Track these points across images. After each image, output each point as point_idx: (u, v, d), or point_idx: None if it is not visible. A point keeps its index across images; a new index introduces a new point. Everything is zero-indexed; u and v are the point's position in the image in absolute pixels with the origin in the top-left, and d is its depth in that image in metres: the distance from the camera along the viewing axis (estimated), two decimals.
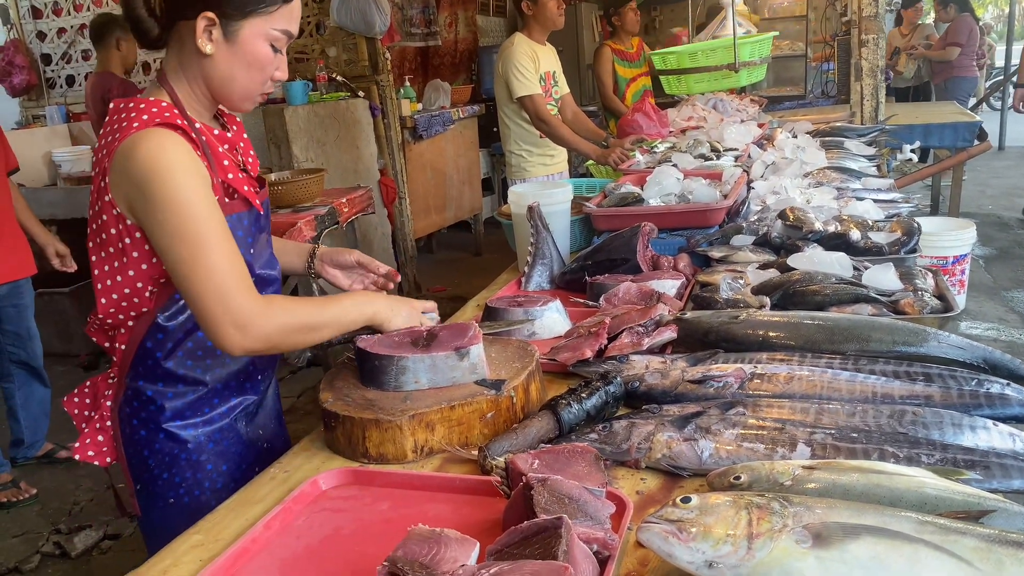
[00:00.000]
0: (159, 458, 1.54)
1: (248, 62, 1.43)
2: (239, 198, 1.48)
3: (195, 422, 1.54)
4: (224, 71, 1.43)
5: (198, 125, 1.45)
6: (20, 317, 3.72)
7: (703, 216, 2.38)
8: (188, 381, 1.52)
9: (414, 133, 6.19)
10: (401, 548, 0.96)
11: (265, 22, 1.41)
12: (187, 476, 1.55)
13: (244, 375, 1.60)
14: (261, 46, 1.42)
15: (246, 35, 1.40)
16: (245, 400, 1.62)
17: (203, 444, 1.55)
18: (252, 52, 1.42)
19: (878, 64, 4.57)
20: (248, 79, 1.45)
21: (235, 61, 1.42)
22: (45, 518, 3.55)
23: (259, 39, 1.41)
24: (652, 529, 0.92)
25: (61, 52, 6.60)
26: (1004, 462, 1.12)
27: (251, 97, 1.48)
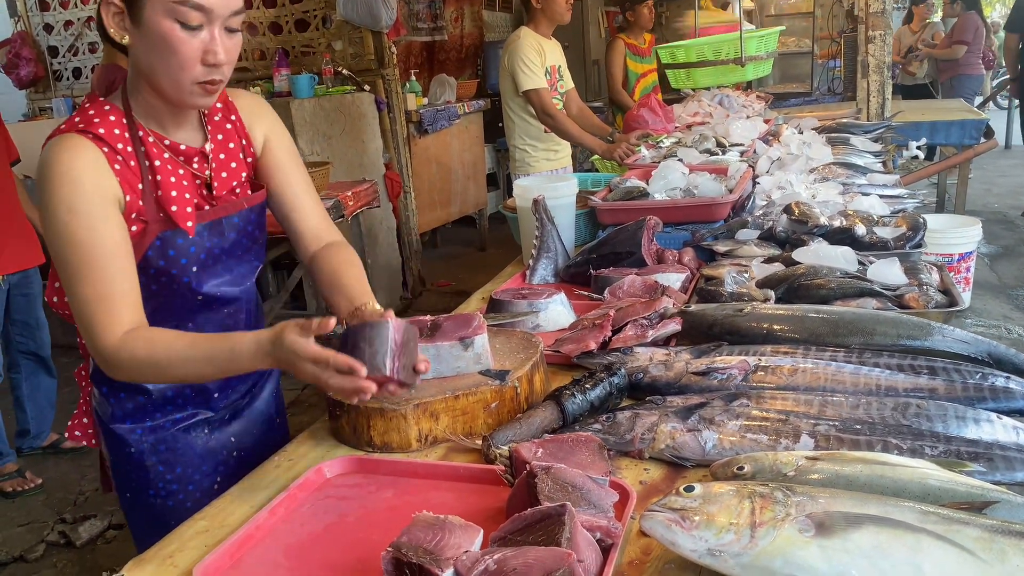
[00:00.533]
0: (113, 453, 1.54)
1: (157, 47, 1.26)
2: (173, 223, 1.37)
3: (139, 427, 1.51)
4: (144, 62, 1.31)
5: (141, 133, 1.36)
6: (30, 306, 3.74)
7: (708, 210, 2.38)
8: (129, 388, 1.49)
9: (419, 127, 6.19)
10: (405, 534, 0.96)
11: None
12: (135, 477, 1.53)
13: (195, 391, 1.53)
14: (166, 25, 1.24)
15: (149, 15, 1.25)
16: (198, 413, 1.55)
17: (147, 449, 1.51)
18: (158, 33, 1.25)
19: (884, 61, 4.56)
20: (166, 67, 1.28)
21: (149, 48, 1.28)
22: (50, 507, 3.56)
23: (162, 17, 1.24)
24: (655, 517, 0.93)
25: (68, 45, 6.60)
26: (1007, 455, 1.12)
27: (183, 87, 1.30)
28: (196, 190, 1.42)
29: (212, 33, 1.27)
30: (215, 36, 1.28)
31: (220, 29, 1.28)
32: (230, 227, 1.47)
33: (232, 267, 1.50)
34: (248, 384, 1.65)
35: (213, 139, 1.46)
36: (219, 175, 1.45)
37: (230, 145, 1.48)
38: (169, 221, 1.37)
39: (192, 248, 1.41)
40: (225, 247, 1.47)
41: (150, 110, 1.38)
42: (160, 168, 1.36)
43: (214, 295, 1.48)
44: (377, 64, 5.69)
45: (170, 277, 1.40)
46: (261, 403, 1.68)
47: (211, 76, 1.30)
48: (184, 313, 1.47)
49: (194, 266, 1.42)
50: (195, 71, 1.28)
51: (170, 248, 1.38)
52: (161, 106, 1.37)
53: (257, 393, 1.67)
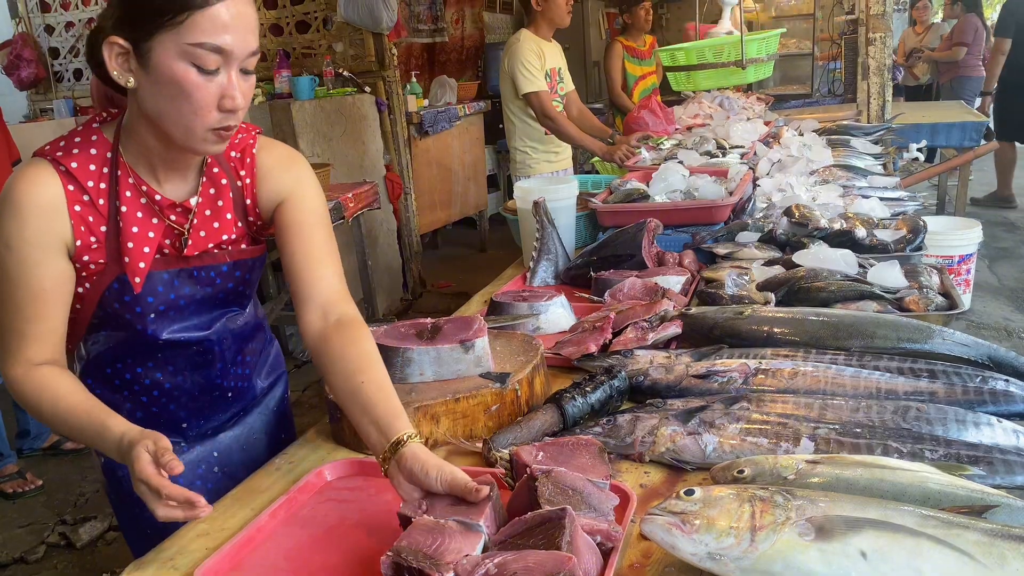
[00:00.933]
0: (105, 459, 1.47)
1: (169, 91, 1.17)
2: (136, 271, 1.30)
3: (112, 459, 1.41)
4: (151, 106, 1.21)
5: (120, 173, 1.28)
6: None
7: (709, 213, 2.38)
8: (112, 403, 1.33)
9: (420, 129, 6.19)
10: (406, 538, 0.96)
11: (176, 36, 1.14)
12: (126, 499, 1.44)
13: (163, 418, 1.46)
14: (179, 68, 1.15)
15: (159, 57, 1.15)
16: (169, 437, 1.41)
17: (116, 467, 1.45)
18: (169, 77, 1.15)
19: (885, 63, 4.56)
20: (177, 112, 1.18)
21: (156, 92, 1.18)
22: (51, 509, 3.56)
23: (174, 60, 1.15)
24: (656, 521, 0.93)
25: (69, 46, 6.61)
26: (1007, 458, 1.12)
27: (196, 135, 1.21)
28: (169, 243, 1.34)
29: (229, 76, 1.18)
30: (232, 80, 1.18)
31: (236, 71, 1.19)
32: (206, 280, 1.39)
33: (203, 313, 1.42)
34: (229, 412, 1.57)
35: (204, 193, 1.36)
36: (197, 233, 1.35)
37: (219, 203, 1.38)
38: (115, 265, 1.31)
39: (150, 299, 1.34)
40: (197, 298, 1.39)
41: (143, 153, 1.30)
42: (127, 215, 1.29)
43: (176, 340, 1.40)
44: (378, 66, 5.69)
45: (124, 321, 1.35)
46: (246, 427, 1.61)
47: (226, 123, 1.21)
48: (144, 351, 1.41)
49: (151, 314, 1.35)
50: (210, 118, 1.19)
51: (125, 294, 1.32)
52: (158, 151, 1.29)
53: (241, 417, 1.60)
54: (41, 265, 1.24)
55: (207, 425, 1.54)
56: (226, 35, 1.15)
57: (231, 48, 1.16)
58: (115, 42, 1.17)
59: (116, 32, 1.17)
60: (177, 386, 1.46)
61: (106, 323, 1.36)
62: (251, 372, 1.59)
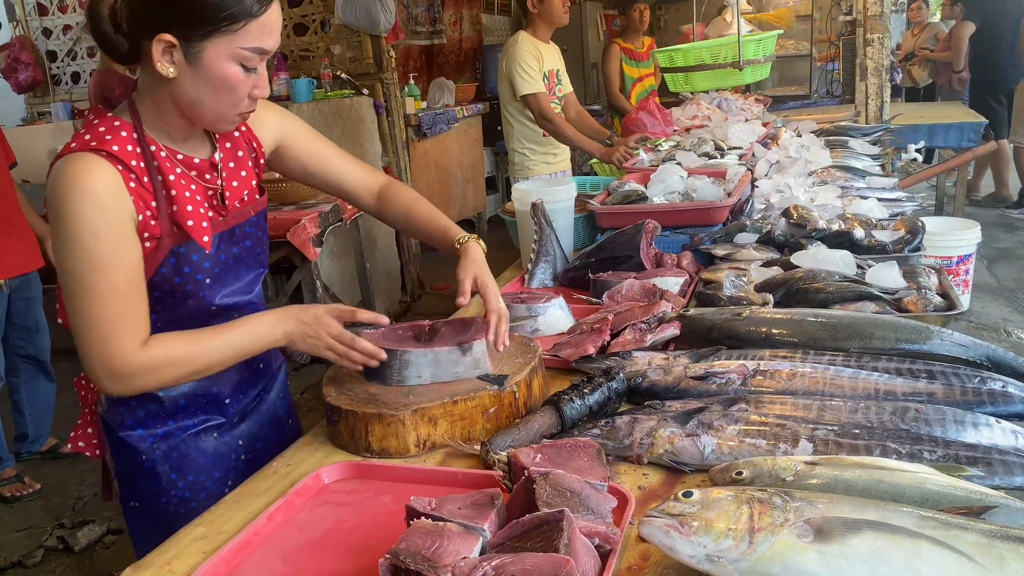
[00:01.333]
0: (121, 462, 1.51)
1: (215, 85, 1.29)
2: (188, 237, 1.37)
3: (150, 435, 1.48)
4: (190, 95, 1.31)
5: (153, 148, 1.35)
6: (29, 310, 3.74)
7: (707, 214, 2.38)
8: (140, 395, 1.44)
9: (418, 131, 6.19)
10: (404, 541, 0.96)
11: (230, 41, 1.25)
12: (144, 486, 1.50)
13: (207, 399, 1.52)
14: (228, 67, 1.27)
15: (210, 57, 1.26)
16: (210, 420, 1.53)
17: (159, 457, 1.48)
18: (218, 75, 1.27)
19: (883, 63, 4.56)
20: (217, 102, 1.31)
21: (200, 84, 1.29)
22: (49, 513, 3.56)
23: (225, 60, 1.27)
24: (654, 523, 0.93)
25: (66, 49, 6.61)
26: (1006, 459, 1.12)
27: (226, 119, 1.35)
28: (208, 200, 1.42)
29: (261, 71, 1.33)
30: (262, 74, 1.33)
31: (263, 65, 1.33)
32: (242, 235, 1.48)
33: (241, 274, 1.51)
34: (258, 388, 1.64)
35: (222, 148, 1.47)
36: (230, 185, 1.46)
37: (239, 153, 1.49)
38: (182, 235, 1.36)
39: (207, 263, 1.41)
40: (238, 255, 1.48)
41: (162, 124, 1.37)
42: (174, 183, 1.36)
43: (226, 305, 1.47)
44: (376, 68, 5.70)
45: (184, 292, 1.40)
46: (268, 405, 1.67)
47: (252, 107, 1.36)
48: (196, 322, 1.44)
49: (208, 279, 1.42)
50: (243, 106, 1.34)
51: (185, 264, 1.38)
52: (176, 122, 1.37)
53: (264, 395, 1.66)
54: (129, 246, 1.30)
55: (244, 401, 1.60)
56: (269, 38, 1.30)
57: (271, 49, 1.31)
58: (164, 39, 1.25)
59: (166, 30, 1.24)
60: None
61: (158, 303, 1.38)
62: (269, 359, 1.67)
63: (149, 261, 1.34)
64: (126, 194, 1.29)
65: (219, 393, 1.53)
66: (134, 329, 1.29)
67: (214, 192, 1.43)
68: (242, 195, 1.48)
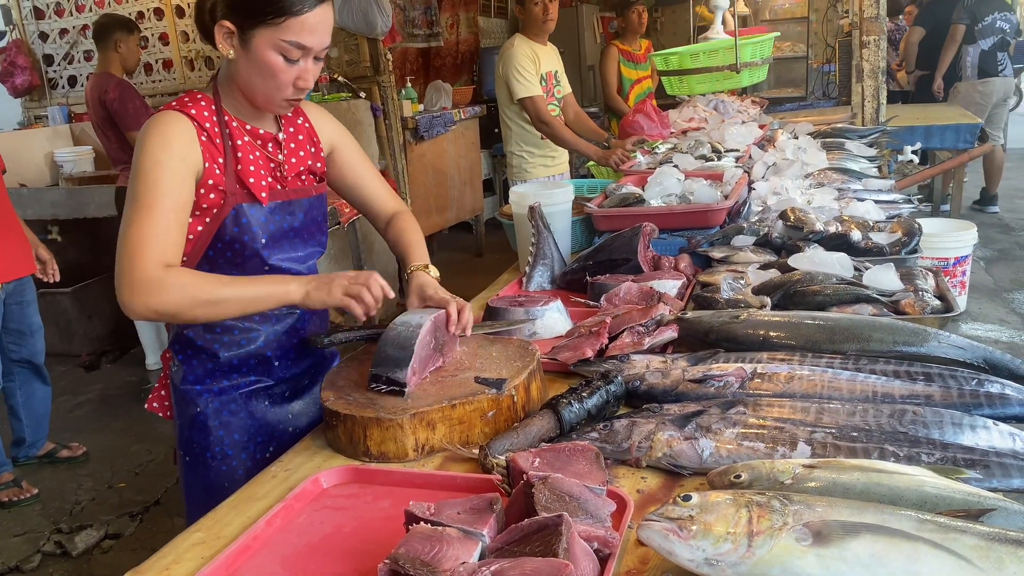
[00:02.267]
0: (181, 415, 1.71)
1: (260, 69, 1.52)
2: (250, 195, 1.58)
3: (207, 391, 1.68)
4: (244, 76, 1.55)
5: (227, 118, 1.59)
6: (23, 314, 3.73)
7: (704, 217, 2.38)
8: (204, 353, 1.67)
9: (415, 134, 6.19)
10: (403, 546, 0.96)
11: (273, 33, 1.47)
12: (196, 439, 1.69)
13: (259, 359, 1.70)
14: (271, 55, 1.49)
15: (257, 44, 1.49)
16: (261, 382, 1.71)
17: (211, 412, 1.67)
18: (263, 60, 1.50)
19: (879, 66, 4.57)
20: (264, 85, 1.54)
21: (251, 68, 1.53)
22: (46, 517, 3.55)
23: (268, 48, 1.49)
24: (652, 527, 0.93)
25: (63, 53, 6.60)
26: (1004, 461, 1.12)
27: (274, 101, 1.57)
28: (270, 171, 1.63)
29: (306, 64, 1.54)
30: (307, 67, 1.54)
31: (311, 60, 1.54)
32: (299, 208, 1.68)
33: (298, 247, 1.70)
34: (309, 362, 1.79)
35: (285, 130, 1.69)
36: (289, 160, 1.68)
37: (300, 137, 1.72)
38: (245, 195, 1.58)
39: (263, 218, 1.61)
40: (293, 226, 1.67)
41: (237, 104, 1.61)
42: (241, 147, 1.59)
43: (280, 267, 1.65)
44: (373, 71, 5.70)
45: (242, 244, 1.59)
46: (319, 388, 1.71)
47: (297, 96, 1.57)
48: None
49: (264, 237, 1.61)
50: (287, 92, 1.55)
51: (243, 217, 1.58)
52: (245, 101, 1.61)
53: (317, 377, 1.79)
54: (184, 182, 1.50)
55: (292, 370, 1.76)
56: (310, 36, 1.50)
57: (311, 46, 1.51)
58: (225, 25, 1.51)
59: (227, 17, 1.50)
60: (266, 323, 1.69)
61: (219, 256, 1.60)
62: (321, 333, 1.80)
63: (216, 214, 1.56)
64: (196, 145, 1.53)
65: (268, 354, 1.71)
66: (162, 250, 1.45)
67: (276, 165, 1.65)
68: (299, 170, 1.69)
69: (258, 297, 1.51)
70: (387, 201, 1.91)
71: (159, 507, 3.56)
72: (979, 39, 6.95)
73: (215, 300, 1.47)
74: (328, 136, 1.79)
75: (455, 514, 1.03)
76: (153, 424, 4.40)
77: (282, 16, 1.46)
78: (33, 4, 6.54)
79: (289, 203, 1.66)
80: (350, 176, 1.84)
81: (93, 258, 5.35)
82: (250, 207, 1.59)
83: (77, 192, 5.39)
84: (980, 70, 7.02)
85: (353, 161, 1.84)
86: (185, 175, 1.50)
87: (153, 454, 4.06)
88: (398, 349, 1.43)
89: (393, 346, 1.44)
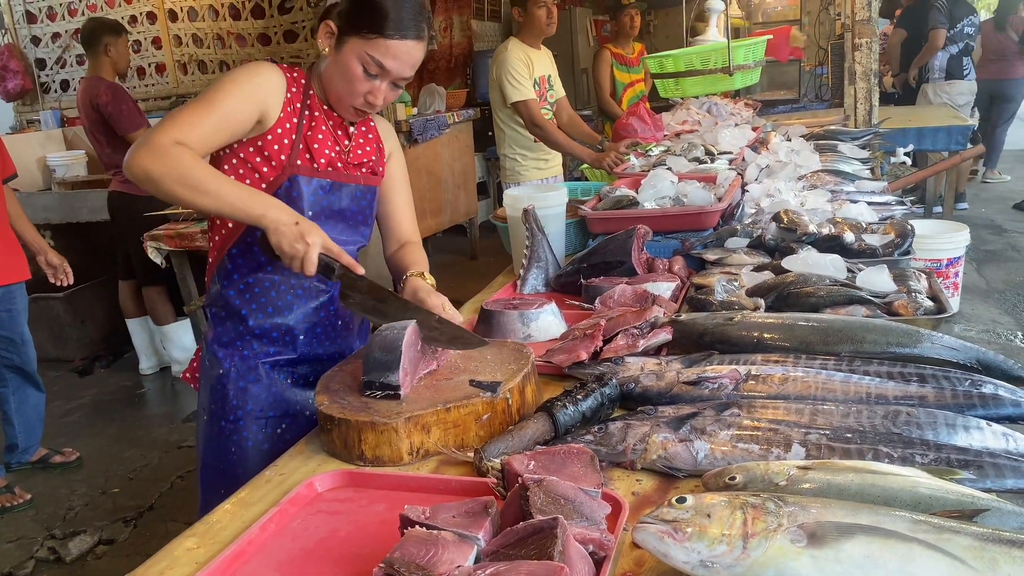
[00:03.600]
0: (205, 375, 1.81)
1: (342, 72, 1.67)
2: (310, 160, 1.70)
3: (235, 353, 1.77)
4: (330, 73, 1.71)
5: (312, 94, 1.74)
6: (13, 322, 3.71)
7: (698, 219, 2.38)
8: (235, 316, 1.76)
9: (409, 137, 6.19)
10: (398, 550, 0.96)
11: (362, 45, 1.63)
12: (215, 401, 1.77)
13: (283, 330, 1.78)
14: (354, 64, 1.64)
15: (347, 50, 1.65)
16: (283, 354, 1.79)
17: (234, 375, 1.76)
18: (346, 65, 1.65)
19: (871, 68, 4.58)
20: (342, 88, 1.69)
21: (336, 68, 1.68)
22: (39, 523, 3.53)
23: (353, 57, 1.64)
24: (648, 529, 0.93)
25: (56, 57, 6.59)
26: (997, 462, 1.13)
27: (345, 105, 1.72)
28: (335, 150, 1.75)
29: (381, 84, 1.68)
30: (381, 88, 1.68)
31: (388, 83, 1.68)
32: (346, 194, 1.78)
33: (341, 230, 1.78)
34: (336, 347, 1.85)
35: (357, 126, 1.83)
36: (355, 150, 1.81)
37: (369, 136, 1.86)
38: (303, 166, 1.69)
39: (313, 195, 1.71)
40: (338, 209, 1.77)
41: (321, 90, 1.76)
42: (316, 119, 1.73)
43: None
44: None
45: None
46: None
47: (366, 109, 1.72)
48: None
49: (310, 211, 1.70)
50: (357, 101, 1.70)
51: (295, 190, 1.68)
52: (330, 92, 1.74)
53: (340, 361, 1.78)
54: (249, 106, 1.64)
55: (317, 349, 1.83)
56: (392, 61, 1.64)
57: (390, 69, 1.65)
58: (329, 25, 1.68)
59: (333, 19, 1.67)
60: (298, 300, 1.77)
61: None
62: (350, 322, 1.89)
63: (271, 184, 1.67)
64: (281, 95, 1.68)
65: (292, 327, 1.78)
66: (186, 133, 1.54)
67: (341, 149, 1.77)
68: (362, 159, 1.81)
69: (234, 206, 1.53)
70: (408, 227, 1.98)
71: (153, 512, 3.55)
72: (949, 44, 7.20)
73: (196, 185, 1.51)
74: (390, 146, 1.91)
75: (450, 518, 1.03)
76: (147, 429, 4.39)
77: (375, 34, 1.61)
78: (25, 8, 6.53)
79: (341, 185, 1.75)
80: (387, 188, 1.92)
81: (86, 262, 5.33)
82: (305, 181, 1.69)
83: (70, 196, 5.37)
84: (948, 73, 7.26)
85: (396, 177, 1.94)
86: (254, 106, 1.63)
87: (147, 459, 4.05)
88: (386, 353, 1.42)
89: (381, 350, 1.43)
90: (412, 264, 1.85)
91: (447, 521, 1.02)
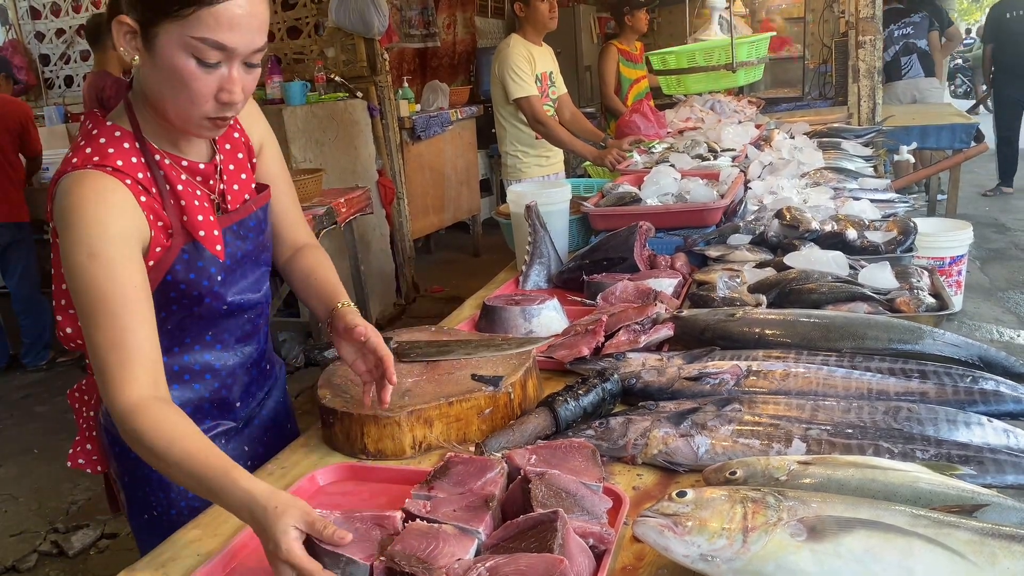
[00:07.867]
0: (132, 475, 1.45)
1: (169, 78, 1.18)
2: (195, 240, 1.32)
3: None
4: (152, 87, 1.23)
5: (157, 157, 1.29)
6: None
7: (700, 216, 2.39)
8: None
9: (412, 134, 6.20)
10: (399, 543, 0.96)
11: (180, 28, 1.14)
12: (153, 498, 1.45)
13: (217, 403, 1.48)
14: (180, 58, 1.16)
15: (162, 44, 1.16)
16: (220, 424, 1.50)
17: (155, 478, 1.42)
18: (170, 65, 1.17)
19: (875, 66, 4.58)
20: (175, 99, 1.20)
21: (158, 76, 1.20)
22: (42, 517, 3.55)
23: (176, 49, 1.16)
24: (648, 523, 0.93)
25: (59, 53, 6.60)
26: (998, 457, 1.13)
27: (191, 120, 1.23)
28: (212, 208, 1.36)
29: (230, 71, 1.20)
30: (233, 75, 1.20)
31: (239, 66, 1.20)
32: (246, 230, 1.43)
33: (248, 272, 1.45)
34: (264, 391, 1.62)
35: (221, 150, 1.41)
36: (231, 189, 1.41)
37: (238, 155, 1.44)
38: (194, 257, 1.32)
39: (215, 265, 1.35)
40: (245, 250, 1.42)
41: (159, 129, 1.30)
42: (183, 193, 1.30)
43: (238, 303, 1.42)
44: (370, 71, 5.70)
45: (200, 290, 1.34)
46: (270, 409, 1.65)
47: (223, 113, 1.23)
48: (207, 323, 1.42)
49: (220, 275, 1.36)
50: (206, 107, 1.21)
51: (198, 260, 1.32)
52: (170, 126, 1.29)
53: (267, 400, 1.63)
54: (129, 262, 1.20)
55: (251, 405, 1.57)
56: (230, 32, 1.15)
57: (234, 46, 1.17)
58: (124, 21, 1.19)
59: (127, 12, 1.18)
60: (227, 365, 1.47)
61: (173, 303, 1.33)
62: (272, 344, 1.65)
63: (162, 262, 1.28)
64: (138, 212, 1.23)
65: (229, 397, 1.49)
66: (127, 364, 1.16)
67: (218, 195, 1.39)
68: (243, 198, 1.43)
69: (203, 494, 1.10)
70: (299, 229, 1.60)
71: None
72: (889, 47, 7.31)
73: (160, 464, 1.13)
74: (258, 135, 1.51)
75: (451, 511, 1.04)
76: None
77: (189, 6, 1.13)
78: (29, 4, 6.54)
79: (237, 227, 1.40)
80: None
81: None
82: (200, 249, 1.32)
83: None
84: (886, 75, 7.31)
85: (274, 172, 1.54)
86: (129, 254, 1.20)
87: None
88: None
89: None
90: (327, 283, 1.50)
91: (448, 514, 1.03)
